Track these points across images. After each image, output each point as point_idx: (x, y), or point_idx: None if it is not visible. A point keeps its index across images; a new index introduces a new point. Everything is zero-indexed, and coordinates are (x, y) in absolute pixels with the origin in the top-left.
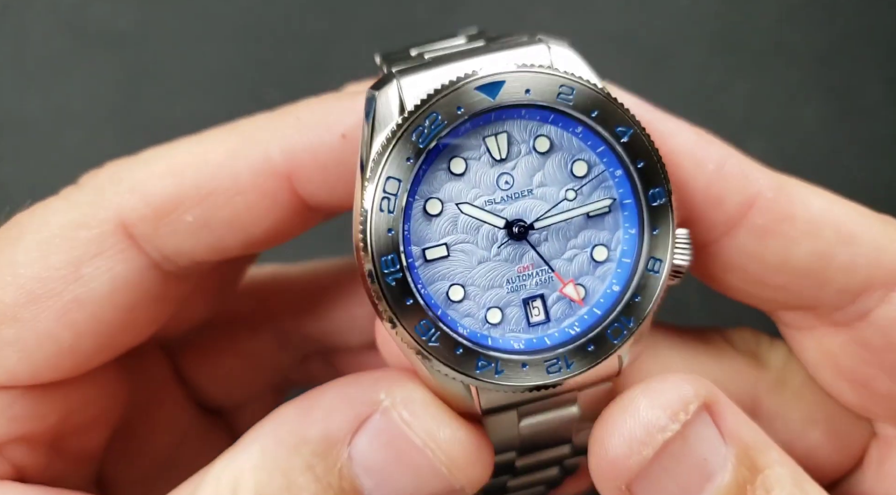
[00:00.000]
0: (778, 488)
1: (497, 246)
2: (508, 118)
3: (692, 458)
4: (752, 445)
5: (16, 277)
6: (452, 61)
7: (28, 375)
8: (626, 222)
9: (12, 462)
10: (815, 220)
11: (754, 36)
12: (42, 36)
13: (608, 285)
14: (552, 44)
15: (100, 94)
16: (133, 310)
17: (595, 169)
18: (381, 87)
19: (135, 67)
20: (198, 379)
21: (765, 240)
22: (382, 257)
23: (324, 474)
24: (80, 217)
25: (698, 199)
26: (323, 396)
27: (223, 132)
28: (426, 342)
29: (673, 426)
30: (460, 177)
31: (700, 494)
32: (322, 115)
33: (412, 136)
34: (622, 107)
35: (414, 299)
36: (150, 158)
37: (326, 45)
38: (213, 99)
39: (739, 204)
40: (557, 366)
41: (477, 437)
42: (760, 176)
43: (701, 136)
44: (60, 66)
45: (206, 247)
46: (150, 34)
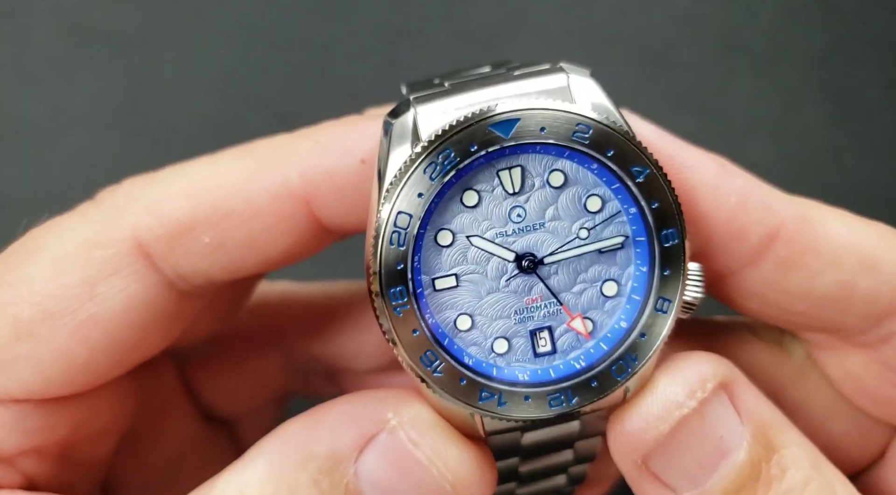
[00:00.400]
0: (794, 468)
1: (506, 278)
2: (523, 152)
3: (708, 435)
4: (769, 425)
5: (32, 294)
6: (470, 89)
7: (42, 390)
8: (638, 259)
9: (24, 473)
10: (838, 251)
11: (754, 37)
12: (44, 38)
13: (616, 321)
14: (572, 73)
15: (101, 96)
16: (147, 328)
17: (609, 205)
18: (398, 116)
19: (136, 69)
20: (204, 391)
21: (788, 272)
22: (391, 289)
23: (330, 490)
24: (95, 235)
25: (720, 232)
26: (330, 413)
27: (241, 152)
28: (430, 372)
29: (690, 403)
30: (472, 209)
31: (715, 471)
32: (341, 139)
33: (424, 172)
34: (639, 146)
35: (420, 330)
36: (167, 177)
37: (326, 45)
38: (214, 100)
39: (763, 236)
40: (560, 400)
41: (481, 457)
42: (783, 206)
43: (723, 167)
44: (62, 67)
45: (221, 268)
46: (152, 36)
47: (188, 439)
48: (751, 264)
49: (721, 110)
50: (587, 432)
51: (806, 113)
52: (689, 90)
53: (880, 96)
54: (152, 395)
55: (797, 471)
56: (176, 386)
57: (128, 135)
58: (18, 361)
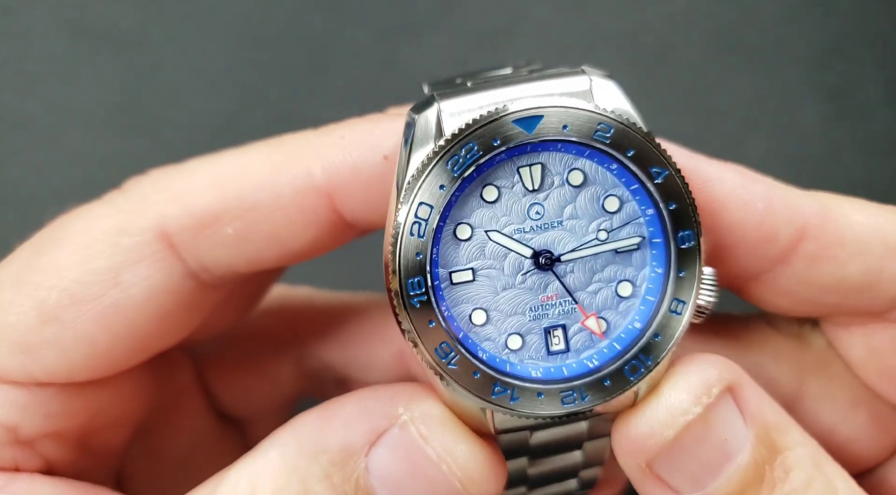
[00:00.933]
0: (797, 469)
1: (522, 274)
2: (544, 150)
3: (713, 439)
4: (773, 426)
5: (60, 279)
6: (493, 87)
7: (64, 374)
8: (654, 261)
9: (43, 456)
10: (862, 238)
11: (753, 36)
12: (43, 36)
13: (630, 321)
14: (594, 76)
15: (101, 94)
16: (168, 317)
17: (627, 206)
18: (421, 111)
19: (136, 67)
20: (219, 389)
21: (817, 265)
22: (409, 279)
23: (340, 483)
24: (122, 223)
25: (751, 237)
26: (343, 407)
27: (267, 147)
28: (445, 364)
29: (695, 409)
30: (492, 204)
31: (720, 474)
32: (365, 136)
33: (447, 164)
34: (659, 147)
35: (436, 321)
36: (193, 168)
37: (326, 45)
38: (214, 99)
39: (791, 236)
40: (573, 398)
41: (491, 454)
42: (805, 203)
43: (745, 176)
44: (62, 66)
45: (244, 259)
46: (151, 34)
47: (200, 435)
48: (781, 263)
49: (720, 109)
50: (595, 433)
51: (804, 112)
52: (688, 89)
53: (879, 95)
54: (168, 389)
55: (800, 472)
56: (191, 382)
57: (127, 133)
58: (43, 345)
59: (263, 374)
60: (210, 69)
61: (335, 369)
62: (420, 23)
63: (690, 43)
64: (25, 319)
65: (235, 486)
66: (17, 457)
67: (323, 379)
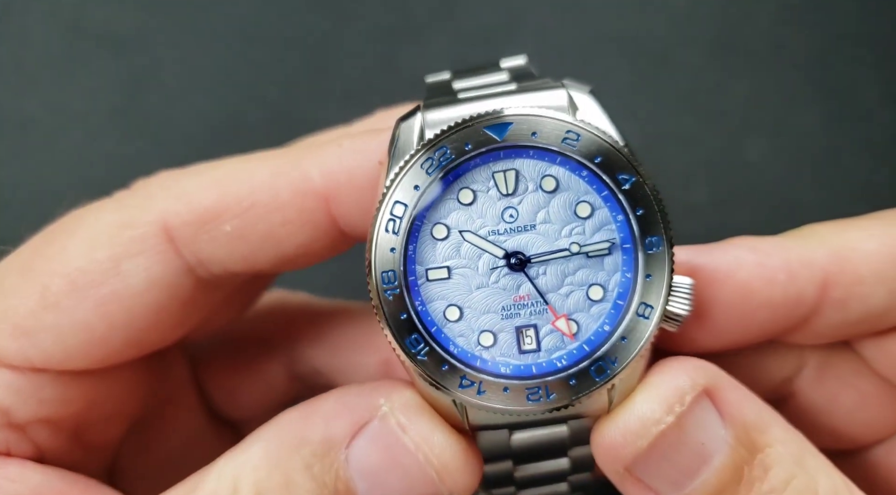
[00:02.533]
0: (777, 467)
1: (496, 274)
2: (518, 157)
3: (689, 444)
4: (752, 425)
5: (64, 267)
6: (478, 100)
7: (60, 360)
8: (625, 265)
9: (35, 442)
10: (878, 268)
11: (753, 37)
12: (43, 37)
13: (600, 324)
14: (572, 89)
15: (100, 95)
16: (164, 310)
17: (598, 212)
18: (407, 119)
19: (135, 68)
20: (213, 389)
21: (845, 307)
22: (383, 272)
23: (321, 474)
24: (127, 217)
25: (780, 307)
26: (325, 402)
27: (269, 154)
28: (415, 355)
29: (668, 418)
30: (468, 206)
31: (697, 476)
32: (362, 144)
33: (422, 166)
34: (629, 155)
35: (408, 314)
36: (199, 171)
37: (326, 45)
38: (213, 99)
39: (816, 293)
40: (538, 395)
41: (467, 447)
42: (819, 254)
43: (758, 252)
44: (61, 67)
45: (239, 258)
46: (151, 35)
47: (193, 434)
48: (814, 315)
49: (719, 110)
50: (581, 439)
51: (804, 113)
52: (688, 90)
53: (878, 96)
54: (163, 386)
55: (779, 470)
56: (186, 381)
57: (126, 134)
58: (42, 329)
59: (256, 375)
60: (210, 70)
61: (324, 374)
62: (420, 23)
63: (690, 43)
64: (27, 303)
65: (219, 479)
66: (10, 441)
67: (313, 382)
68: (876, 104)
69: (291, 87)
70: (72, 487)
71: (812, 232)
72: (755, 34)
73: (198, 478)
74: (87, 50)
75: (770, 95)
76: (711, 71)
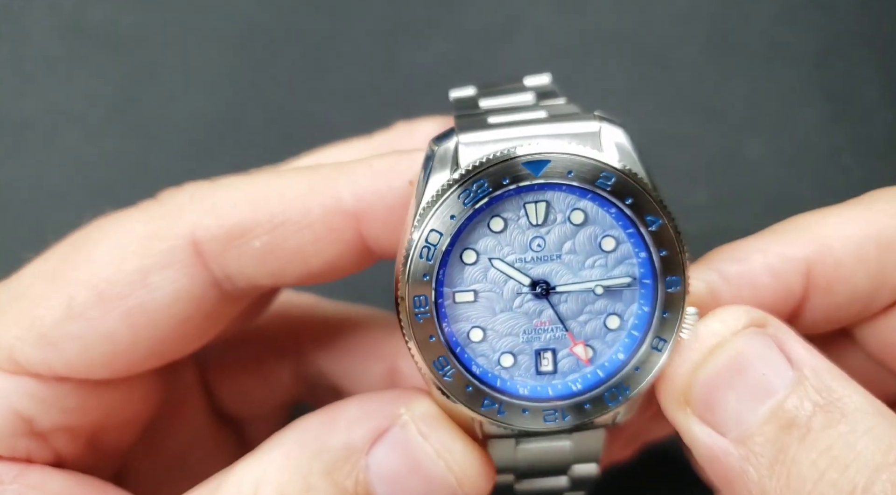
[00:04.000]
0: (857, 413)
1: (520, 299)
2: (550, 189)
3: (749, 372)
4: (824, 371)
5: (91, 277)
6: (510, 127)
7: (84, 370)
8: (642, 299)
9: (55, 449)
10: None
11: (752, 37)
12: (41, 36)
13: (615, 352)
14: (604, 122)
15: (99, 95)
16: (188, 323)
17: (622, 247)
18: (442, 141)
19: (134, 68)
20: (219, 389)
21: (831, 292)
22: (415, 297)
23: (342, 480)
24: (156, 229)
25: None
26: (346, 409)
27: (300, 170)
28: (441, 376)
29: (723, 333)
30: (498, 234)
31: (759, 408)
32: (393, 164)
33: (459, 197)
34: (656, 198)
35: (436, 337)
36: (230, 184)
37: (326, 45)
38: (213, 99)
39: (802, 284)
40: (554, 417)
41: (483, 454)
42: (798, 247)
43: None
44: (60, 66)
45: (266, 274)
46: (150, 34)
47: (198, 433)
48: (802, 306)
49: (719, 110)
50: (581, 457)
51: (804, 112)
52: (687, 89)
53: (879, 96)
54: (173, 389)
55: (859, 416)
56: (194, 384)
57: (126, 134)
58: (67, 339)
59: (263, 377)
60: (209, 69)
61: (329, 378)
62: (420, 23)
63: (690, 43)
64: (53, 313)
65: (240, 483)
66: (31, 448)
67: (318, 385)
68: (876, 104)
69: (291, 87)
70: (88, 491)
71: (792, 223)
72: (755, 34)
73: (218, 481)
74: (87, 50)
75: (770, 95)
76: (711, 71)
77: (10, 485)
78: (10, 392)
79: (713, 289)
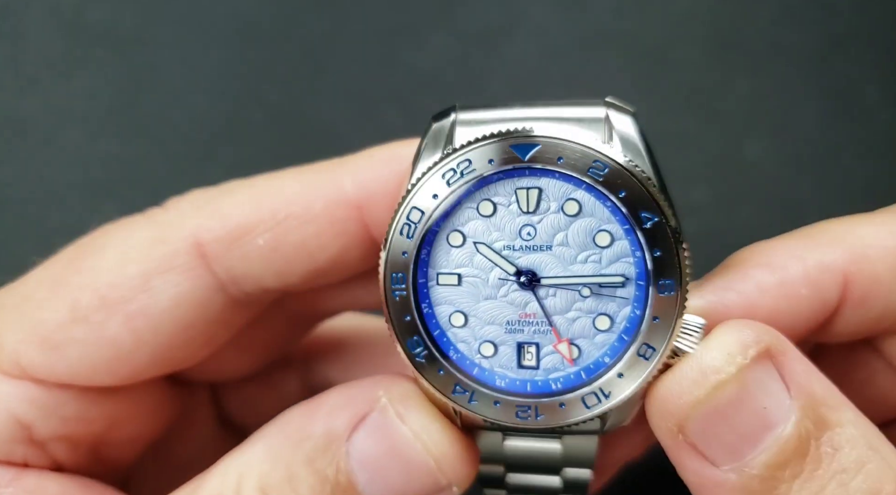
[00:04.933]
0: (848, 447)
1: (506, 288)
2: (544, 176)
3: (750, 405)
4: (821, 401)
5: (94, 281)
6: (512, 107)
7: (86, 375)
8: (636, 302)
9: (53, 457)
10: (893, 260)
11: (753, 36)
12: (41, 37)
13: (602, 354)
14: (612, 109)
15: (99, 95)
16: (192, 328)
17: (618, 243)
18: (440, 119)
19: (134, 68)
20: (228, 399)
21: (865, 306)
22: (393, 273)
23: (323, 467)
24: (159, 233)
25: (806, 315)
26: (328, 397)
27: (301, 169)
28: (414, 357)
29: (728, 368)
30: (487, 218)
31: (758, 444)
32: (392, 152)
33: (444, 176)
34: (655, 193)
35: (412, 316)
36: (231, 189)
37: (326, 45)
38: (213, 99)
39: (837, 296)
40: (527, 413)
41: (464, 438)
42: (837, 257)
43: (775, 270)
44: (60, 66)
45: (273, 272)
46: (150, 35)
47: (206, 442)
48: (834, 316)
49: (719, 109)
50: (574, 461)
51: (804, 112)
52: (688, 89)
53: (879, 96)
54: (185, 404)
55: (852, 450)
56: (206, 398)
57: (125, 134)
58: (70, 343)
59: (271, 386)
60: (209, 69)
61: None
62: (420, 23)
63: (690, 43)
64: (56, 317)
65: (224, 476)
66: (28, 455)
67: None
68: (876, 104)
69: (291, 87)
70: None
71: (825, 230)
72: (755, 34)
73: (202, 477)
74: (87, 50)
75: (770, 95)
76: (711, 71)
77: (5, 489)
78: (10, 396)
79: (750, 303)
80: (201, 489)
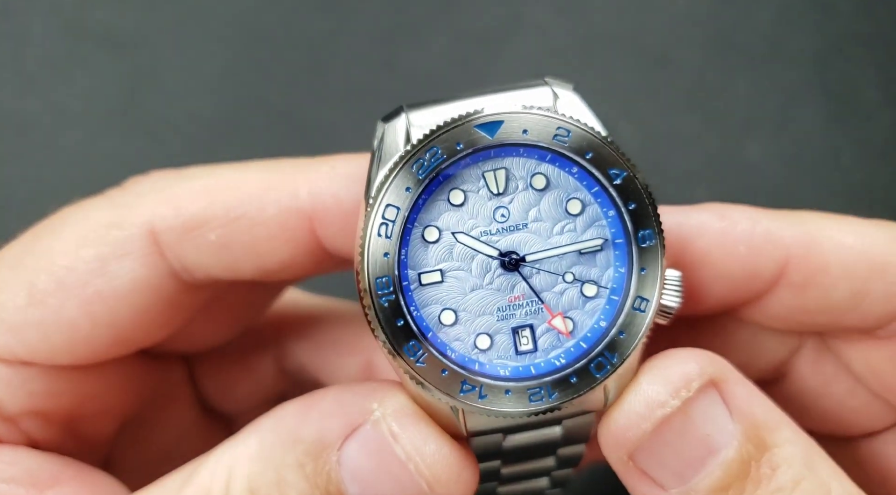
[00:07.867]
0: (784, 466)
1: (490, 275)
2: (507, 155)
3: (694, 434)
4: (762, 423)
5: (51, 264)
6: (459, 99)
7: (46, 355)
8: (617, 261)
9: (27, 434)
10: (848, 262)
11: (752, 37)
12: (42, 36)
13: (596, 320)
14: (556, 87)
15: (100, 95)
16: (148, 312)
17: (589, 208)
18: (391, 120)
19: (135, 68)
20: (206, 383)
21: (803, 293)
22: (377, 278)
23: (313, 474)
24: (116, 217)
25: (736, 277)
26: (322, 399)
27: (265, 165)
28: (414, 362)
29: (673, 402)
30: (459, 207)
31: (702, 468)
32: (352, 167)
33: (412, 168)
34: (617, 150)
35: (405, 320)
36: (192, 175)
37: (326, 45)
38: (213, 99)
39: (773, 271)
40: (540, 395)
41: (461, 456)
42: (788, 233)
43: (724, 219)
44: (61, 66)
45: (222, 267)
46: (151, 35)
47: (186, 427)
48: (767, 293)
49: (719, 110)
50: (571, 439)
51: (805, 113)
52: (688, 90)
53: (879, 96)
54: (160, 383)
55: (788, 470)
56: (183, 379)
57: (126, 134)
58: (27, 326)
59: (247, 370)
60: (209, 70)
61: (309, 371)
62: (420, 23)
63: (690, 43)
64: (14, 299)
65: (214, 469)
66: (1, 431)
67: (300, 378)
68: (876, 104)
69: (291, 88)
70: (64, 470)
71: (797, 214)
72: (756, 33)
73: (194, 465)
74: (87, 50)
75: (770, 95)
76: (711, 71)
77: None
78: None
79: (684, 236)
80: (193, 477)
